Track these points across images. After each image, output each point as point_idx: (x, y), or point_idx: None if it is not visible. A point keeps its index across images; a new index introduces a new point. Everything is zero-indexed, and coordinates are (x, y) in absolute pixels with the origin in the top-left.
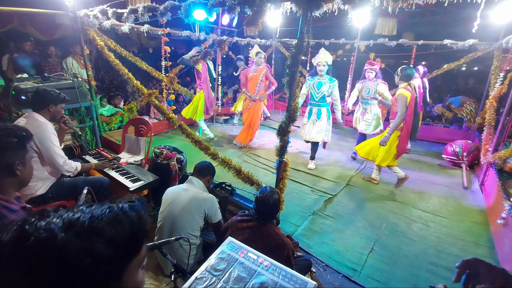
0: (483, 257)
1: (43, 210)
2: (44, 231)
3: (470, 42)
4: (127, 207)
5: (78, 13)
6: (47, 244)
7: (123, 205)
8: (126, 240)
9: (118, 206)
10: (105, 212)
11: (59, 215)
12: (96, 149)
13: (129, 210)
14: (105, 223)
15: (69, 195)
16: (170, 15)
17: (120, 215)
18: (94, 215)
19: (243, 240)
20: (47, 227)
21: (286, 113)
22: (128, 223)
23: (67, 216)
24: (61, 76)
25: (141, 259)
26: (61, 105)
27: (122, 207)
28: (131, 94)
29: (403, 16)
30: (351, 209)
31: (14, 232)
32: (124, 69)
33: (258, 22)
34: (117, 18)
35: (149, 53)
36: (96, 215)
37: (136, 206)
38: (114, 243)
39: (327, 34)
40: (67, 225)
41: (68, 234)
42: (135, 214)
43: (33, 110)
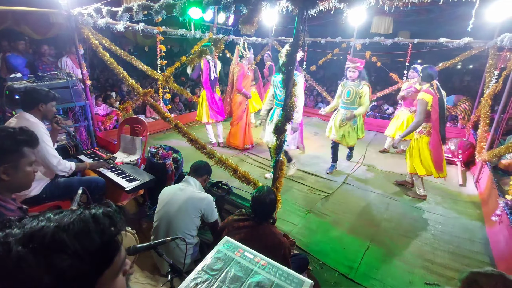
0: (478, 254)
1: (6, 219)
2: (0, 244)
3: (465, 41)
4: (100, 214)
5: (72, 12)
6: (2, 258)
7: (96, 211)
8: (95, 253)
9: (91, 212)
10: (73, 220)
11: (21, 225)
12: (92, 149)
13: (102, 217)
14: (71, 235)
15: (64, 196)
16: (165, 13)
17: (90, 224)
18: (60, 225)
19: (239, 240)
20: (4, 240)
21: (282, 111)
22: (98, 233)
23: (30, 226)
24: (55, 76)
25: (116, 268)
26: (51, 103)
27: (94, 214)
28: (127, 93)
29: (398, 15)
30: (347, 207)
31: None
32: (119, 68)
33: (254, 21)
34: (111, 16)
35: (145, 51)
36: (62, 224)
37: (111, 213)
38: (80, 258)
39: (323, 32)
40: (27, 237)
41: (25, 248)
42: (108, 222)
43: (24, 110)
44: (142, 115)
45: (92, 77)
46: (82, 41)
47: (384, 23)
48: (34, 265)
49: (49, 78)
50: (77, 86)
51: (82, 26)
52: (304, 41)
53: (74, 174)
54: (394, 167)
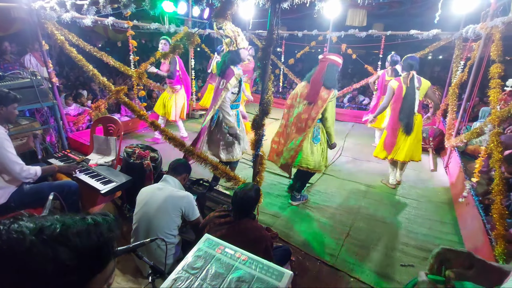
0: (448, 234)
1: (18, 213)
2: (15, 233)
3: (433, 32)
4: (100, 219)
5: (33, 5)
6: (16, 244)
7: (96, 217)
8: (93, 252)
9: (92, 217)
10: (76, 221)
11: (33, 220)
12: (63, 152)
13: (101, 222)
14: (74, 233)
15: (34, 203)
16: (134, 7)
17: (91, 225)
18: (65, 224)
19: (221, 236)
20: (18, 229)
21: (260, 106)
22: (97, 234)
23: (39, 221)
24: (17, 75)
25: (106, 276)
26: (12, 105)
27: (95, 219)
28: (99, 91)
29: (372, 7)
30: (327, 197)
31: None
32: (88, 65)
33: (227, 14)
34: (77, 10)
35: (118, 47)
36: (67, 223)
37: (109, 219)
38: (79, 253)
39: (300, 25)
40: (38, 229)
41: (37, 238)
42: (106, 226)
43: None
44: (117, 113)
45: (61, 75)
46: (46, 36)
47: (359, 16)
48: (42, 254)
49: (11, 77)
50: (43, 86)
51: (45, 21)
52: (278, 35)
53: (45, 179)
54: (371, 156)
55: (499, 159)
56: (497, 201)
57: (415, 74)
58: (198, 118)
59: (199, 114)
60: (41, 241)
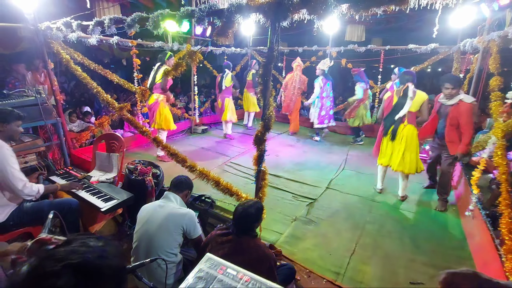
0: (456, 250)
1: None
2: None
3: (432, 46)
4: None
5: (40, 26)
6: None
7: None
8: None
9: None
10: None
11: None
12: (65, 169)
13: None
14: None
15: (34, 221)
16: (138, 27)
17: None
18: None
19: (223, 255)
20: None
21: (261, 121)
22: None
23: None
24: (22, 93)
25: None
26: (15, 123)
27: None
28: (103, 108)
29: (370, 23)
30: (332, 212)
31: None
32: (93, 83)
33: (228, 32)
34: (82, 30)
35: (123, 64)
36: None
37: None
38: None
39: (301, 41)
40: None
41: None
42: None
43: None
44: (120, 129)
45: (65, 92)
46: (52, 55)
47: (357, 31)
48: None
49: (16, 96)
50: (47, 103)
51: (51, 41)
52: (278, 51)
53: (45, 196)
54: (374, 169)
55: (505, 172)
56: (505, 215)
57: (410, 85)
58: (201, 133)
59: (201, 129)
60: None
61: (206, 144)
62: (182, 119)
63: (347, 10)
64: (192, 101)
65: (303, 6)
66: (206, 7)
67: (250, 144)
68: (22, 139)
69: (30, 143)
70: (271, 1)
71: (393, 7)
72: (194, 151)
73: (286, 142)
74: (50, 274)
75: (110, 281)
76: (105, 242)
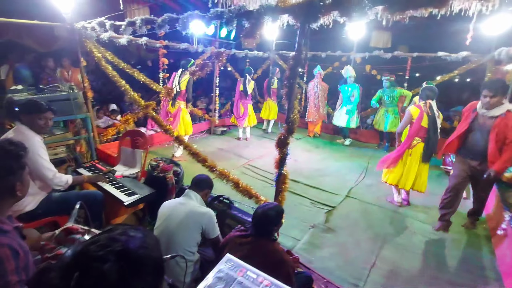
0: (484, 270)
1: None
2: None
3: (463, 54)
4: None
5: (76, 25)
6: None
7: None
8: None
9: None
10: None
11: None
12: (91, 162)
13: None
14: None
15: (61, 211)
16: (168, 27)
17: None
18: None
19: (241, 257)
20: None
21: (285, 124)
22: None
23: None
24: (56, 88)
25: None
26: (45, 115)
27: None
28: (129, 105)
29: (397, 30)
30: (352, 221)
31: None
32: (121, 81)
33: (256, 34)
34: (115, 30)
35: (148, 65)
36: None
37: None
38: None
39: (323, 47)
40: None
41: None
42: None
43: (20, 122)
44: (143, 127)
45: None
46: (85, 54)
47: (383, 38)
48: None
49: (50, 90)
50: (78, 99)
51: (85, 40)
52: (306, 55)
53: (72, 187)
54: None
55: None
56: None
57: (433, 103)
58: (220, 134)
59: (221, 130)
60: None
61: (225, 145)
62: (203, 120)
63: (380, 12)
64: (213, 102)
65: (335, 8)
66: (236, 8)
67: (268, 147)
68: (53, 132)
69: (61, 136)
70: (302, 2)
71: (424, 13)
72: (213, 152)
73: (305, 148)
74: (95, 258)
75: (150, 272)
76: (144, 233)
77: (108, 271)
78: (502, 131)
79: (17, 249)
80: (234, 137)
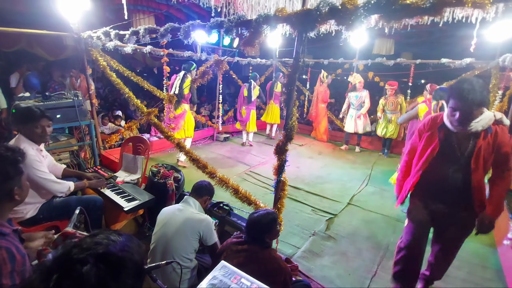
0: (490, 281)
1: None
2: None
3: (467, 61)
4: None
5: (82, 35)
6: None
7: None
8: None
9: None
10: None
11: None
12: (94, 168)
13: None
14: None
15: (61, 216)
16: (170, 36)
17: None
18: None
19: (237, 264)
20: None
21: (284, 131)
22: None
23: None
24: (62, 95)
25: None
26: (41, 122)
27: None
28: (133, 112)
29: (400, 37)
30: (353, 229)
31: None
32: (125, 88)
33: (255, 43)
34: (120, 39)
35: (154, 72)
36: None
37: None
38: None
39: (326, 54)
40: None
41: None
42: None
43: (20, 133)
44: (147, 134)
45: (100, 97)
46: (91, 62)
47: (386, 45)
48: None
49: (56, 97)
50: (83, 106)
51: (91, 48)
52: (304, 62)
53: (73, 193)
54: None
55: None
56: None
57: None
58: (223, 141)
59: (224, 137)
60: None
61: (227, 152)
62: (206, 127)
63: (377, 21)
64: (216, 109)
65: (332, 17)
66: (235, 18)
67: (270, 154)
68: (58, 138)
69: (65, 142)
70: (299, 12)
71: (426, 20)
72: (215, 158)
73: (307, 154)
74: (76, 261)
75: (130, 275)
76: (127, 238)
77: (87, 273)
78: (490, 154)
79: (14, 252)
80: (237, 143)
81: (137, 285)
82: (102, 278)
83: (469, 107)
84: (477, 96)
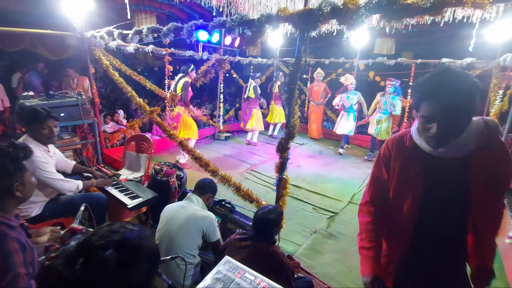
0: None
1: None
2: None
3: (467, 61)
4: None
5: (85, 34)
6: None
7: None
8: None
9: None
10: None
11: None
12: (97, 166)
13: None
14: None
15: (66, 213)
16: (173, 36)
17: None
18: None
19: (241, 259)
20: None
21: (285, 129)
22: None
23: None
24: (65, 94)
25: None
26: (48, 123)
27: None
28: (134, 111)
29: (400, 36)
30: (354, 227)
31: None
32: (127, 87)
33: (257, 42)
34: (122, 38)
35: (155, 72)
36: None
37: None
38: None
39: (327, 53)
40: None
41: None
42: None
43: (28, 135)
44: (149, 132)
45: (102, 96)
46: (94, 61)
47: (387, 44)
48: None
49: (60, 96)
50: (86, 105)
51: (94, 48)
52: (305, 62)
53: None
54: None
55: None
56: None
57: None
58: (224, 140)
59: (225, 136)
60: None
61: (229, 151)
62: (207, 126)
63: (378, 20)
64: (217, 108)
65: (333, 17)
66: (238, 18)
67: (272, 153)
68: (62, 136)
69: (69, 140)
70: (301, 11)
71: (426, 19)
72: (217, 157)
73: (308, 153)
74: (97, 247)
75: (146, 261)
76: (139, 227)
77: (109, 258)
78: (485, 178)
79: (24, 243)
80: (238, 142)
81: (152, 270)
82: (121, 262)
83: (453, 114)
84: (463, 95)
